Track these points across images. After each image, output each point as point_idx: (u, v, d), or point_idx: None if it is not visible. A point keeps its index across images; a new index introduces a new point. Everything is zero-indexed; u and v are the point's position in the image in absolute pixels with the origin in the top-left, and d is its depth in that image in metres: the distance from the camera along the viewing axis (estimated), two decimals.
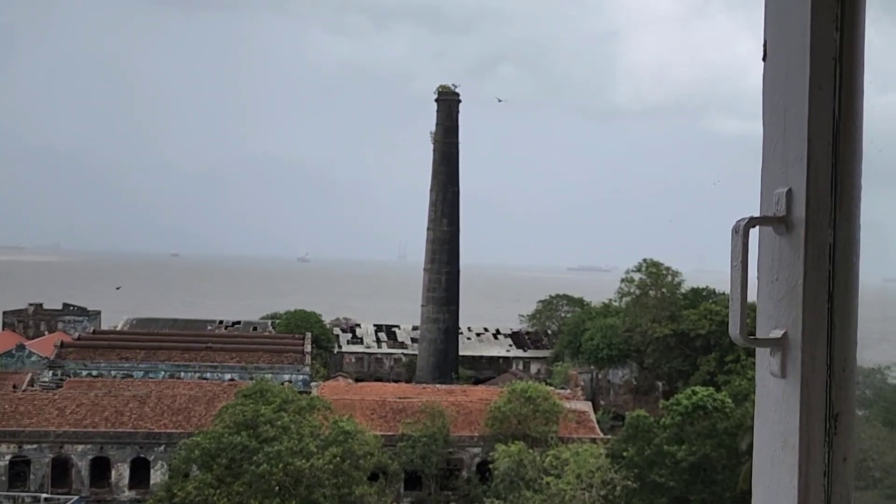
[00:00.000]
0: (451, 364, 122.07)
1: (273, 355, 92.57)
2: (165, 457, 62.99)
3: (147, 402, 68.84)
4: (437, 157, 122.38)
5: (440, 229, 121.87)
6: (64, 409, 67.11)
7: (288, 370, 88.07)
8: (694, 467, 55.63)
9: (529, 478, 56.77)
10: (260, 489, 47.67)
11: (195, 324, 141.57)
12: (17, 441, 63.70)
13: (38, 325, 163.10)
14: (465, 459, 67.98)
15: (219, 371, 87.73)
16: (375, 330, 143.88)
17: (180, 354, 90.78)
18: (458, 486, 67.22)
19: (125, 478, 64.67)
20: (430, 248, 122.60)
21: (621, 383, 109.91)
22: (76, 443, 64.33)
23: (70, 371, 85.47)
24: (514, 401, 66.21)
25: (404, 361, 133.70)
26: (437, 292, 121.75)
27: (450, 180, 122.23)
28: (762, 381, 2.43)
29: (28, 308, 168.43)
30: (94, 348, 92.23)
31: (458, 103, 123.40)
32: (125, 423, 66.29)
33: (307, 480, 49.05)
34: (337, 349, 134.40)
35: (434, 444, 65.07)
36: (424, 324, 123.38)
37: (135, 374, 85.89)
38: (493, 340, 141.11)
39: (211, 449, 50.16)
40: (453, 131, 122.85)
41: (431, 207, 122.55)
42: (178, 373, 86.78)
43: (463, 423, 69.32)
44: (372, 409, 70.27)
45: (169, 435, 64.69)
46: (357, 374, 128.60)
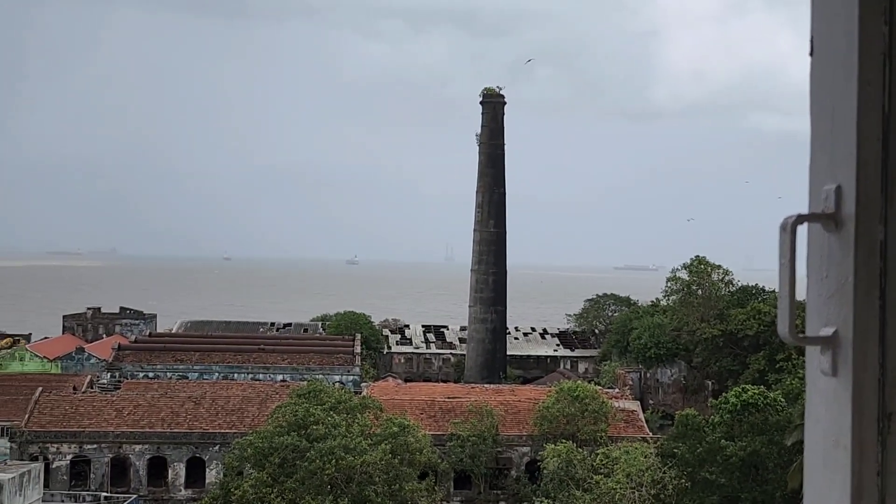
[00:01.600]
0: (499, 364, 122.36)
1: (324, 356, 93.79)
2: (220, 456, 64.33)
3: (202, 403, 70.35)
4: (482, 158, 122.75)
5: (487, 230, 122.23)
6: (122, 410, 68.94)
7: (338, 371, 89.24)
8: (745, 464, 55.26)
9: (579, 477, 56.91)
10: (312, 486, 48.59)
11: (247, 326, 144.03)
12: (77, 441, 65.66)
13: (96, 328, 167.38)
14: (513, 459, 68.33)
15: (271, 372, 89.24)
16: (424, 331, 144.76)
17: (233, 356, 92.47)
18: (508, 485, 67.58)
19: (181, 477, 66.22)
20: (477, 250, 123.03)
21: (670, 382, 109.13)
22: (134, 443, 66.06)
23: (127, 373, 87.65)
24: (563, 400, 66.37)
25: (453, 361, 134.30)
26: (485, 293, 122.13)
27: (496, 182, 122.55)
28: (812, 379, 2.42)
29: (86, 312, 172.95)
30: (150, 351, 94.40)
31: (503, 105, 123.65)
32: (181, 423, 67.85)
33: (358, 477, 49.85)
34: (386, 350, 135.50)
35: (483, 443, 65.53)
36: (472, 324, 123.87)
37: (190, 375, 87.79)
38: (540, 340, 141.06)
39: (264, 448, 51.23)
40: (499, 133, 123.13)
41: (478, 209, 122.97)
42: (231, 374, 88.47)
43: (511, 423, 69.67)
44: (421, 408, 70.94)
45: (223, 435, 66.08)
46: (406, 374, 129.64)
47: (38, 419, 66.57)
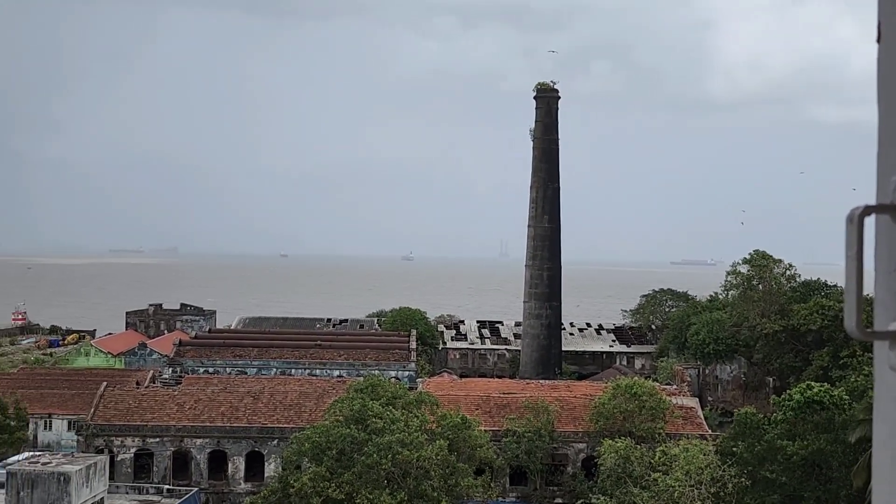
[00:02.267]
0: (555, 359, 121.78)
1: (380, 352, 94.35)
2: (278, 450, 65.20)
3: (260, 398, 71.37)
4: (536, 154, 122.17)
5: (541, 226, 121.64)
6: (183, 404, 70.28)
7: (394, 367, 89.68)
8: (807, 463, 54.13)
9: (637, 474, 56.36)
10: (369, 480, 48.97)
11: (304, 322, 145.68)
12: (140, 435, 67.15)
13: (157, 324, 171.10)
14: (569, 455, 67.95)
15: (328, 368, 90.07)
16: (479, 326, 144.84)
17: (291, 352, 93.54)
18: (564, 481, 67.24)
19: (241, 470, 67.27)
20: (531, 245, 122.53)
21: (729, 379, 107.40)
22: (195, 437, 67.31)
23: (188, 368, 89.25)
24: (619, 397, 65.79)
25: (508, 357, 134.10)
26: (539, 288, 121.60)
27: (550, 177, 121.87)
28: (881, 375, 2.35)
29: (148, 308, 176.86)
30: (209, 346, 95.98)
31: (557, 100, 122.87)
32: (240, 418, 68.93)
33: (415, 472, 50.09)
34: (441, 346, 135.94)
35: (539, 439, 65.30)
36: (527, 320, 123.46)
37: (248, 370, 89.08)
38: (595, 336, 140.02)
39: (321, 442, 51.77)
40: (553, 128, 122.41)
41: (532, 204, 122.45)
42: (289, 370, 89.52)
43: (567, 419, 69.29)
44: (476, 404, 70.96)
45: (281, 429, 66.97)
46: (461, 369, 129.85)
47: (104, 413, 68.22)
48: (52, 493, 39.05)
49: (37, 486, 39.11)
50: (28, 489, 39.12)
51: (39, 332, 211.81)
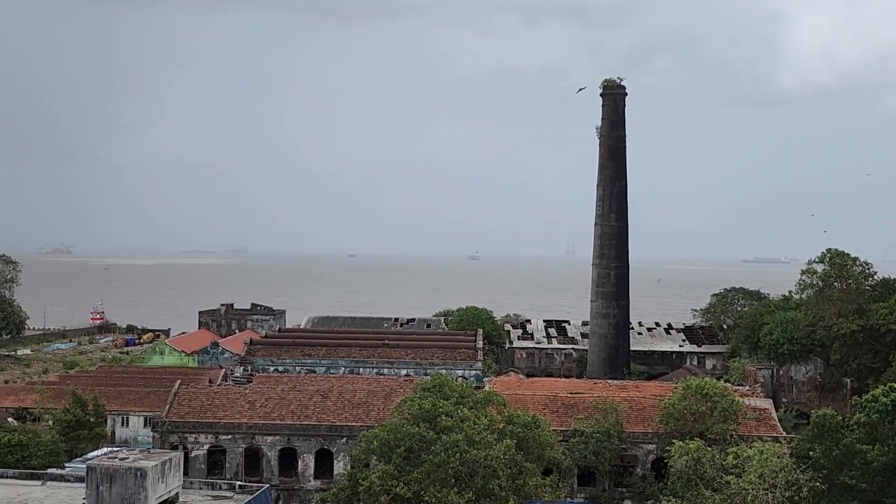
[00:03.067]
0: (623, 359, 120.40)
1: (446, 351, 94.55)
2: (347, 448, 65.86)
3: (329, 397, 72.17)
4: (603, 151, 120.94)
5: (608, 224, 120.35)
6: (254, 402, 71.48)
7: (461, 366, 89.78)
8: (889, 469, 52.39)
9: (708, 477, 55.32)
10: (437, 478, 49.05)
11: (372, 321, 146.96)
12: (213, 432, 68.52)
13: (229, 323, 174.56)
14: (639, 456, 67.06)
15: (395, 367, 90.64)
16: (545, 326, 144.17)
17: (359, 351, 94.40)
18: (633, 482, 66.39)
19: (310, 468, 68.13)
20: (598, 244, 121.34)
21: (804, 380, 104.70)
22: (266, 434, 68.42)
23: (259, 367, 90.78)
24: (690, 397, 64.64)
25: (575, 357, 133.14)
26: (607, 287, 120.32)
27: (617, 175, 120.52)
28: None
29: (220, 308, 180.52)
30: (279, 345, 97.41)
31: (623, 96, 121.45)
32: (309, 416, 69.79)
33: (482, 471, 50.01)
34: (508, 345, 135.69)
35: (607, 440, 64.59)
36: (594, 319, 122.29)
37: (317, 369, 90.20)
38: (664, 335, 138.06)
39: (390, 440, 52.08)
40: (620, 125, 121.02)
41: (599, 203, 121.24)
42: (357, 368, 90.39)
43: (636, 420, 68.39)
44: (544, 403, 70.56)
45: (350, 428, 67.63)
46: (528, 369, 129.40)
47: (178, 410, 69.82)
48: (129, 487, 40.07)
49: (115, 481, 40.18)
50: (107, 484, 40.21)
51: (116, 331, 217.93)
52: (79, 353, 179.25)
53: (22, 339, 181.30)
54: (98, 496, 40.19)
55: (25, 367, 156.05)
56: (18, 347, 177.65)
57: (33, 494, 44.68)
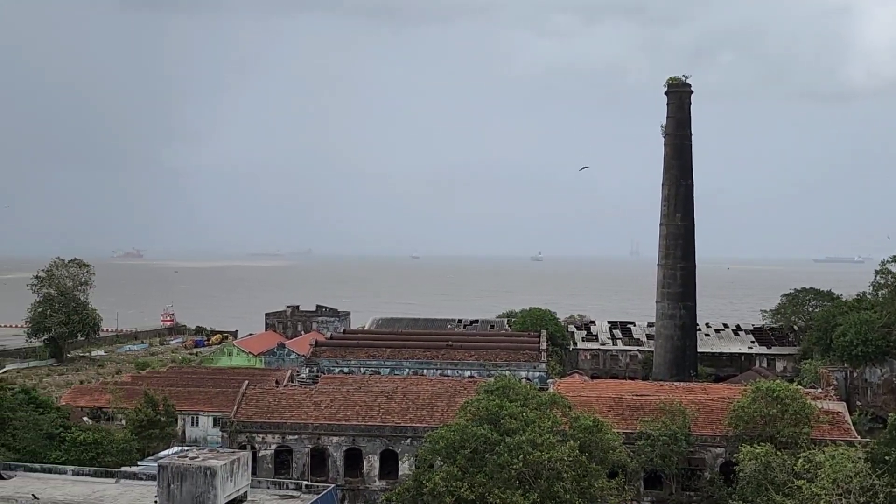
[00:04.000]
0: (690, 361, 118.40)
1: (510, 353, 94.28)
2: (412, 449, 66.17)
3: (394, 398, 72.57)
4: (668, 150, 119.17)
5: (674, 224, 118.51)
6: (320, 403, 72.27)
7: (525, 367, 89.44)
8: None
9: (779, 481, 54.05)
10: (501, 480, 48.94)
11: (436, 323, 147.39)
12: (280, 432, 69.49)
13: (295, 325, 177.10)
14: (707, 460, 65.88)
15: (459, 368, 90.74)
16: (610, 327, 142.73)
17: (423, 352, 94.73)
18: (701, 486, 65.23)
19: (375, 468, 68.59)
20: (663, 244, 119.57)
21: (879, 382, 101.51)
22: (331, 435, 69.11)
23: (324, 368, 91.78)
24: (760, 400, 63.22)
25: (640, 358, 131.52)
26: (673, 288, 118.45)
27: (682, 174, 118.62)
28: None
29: (286, 310, 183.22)
30: (344, 347, 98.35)
31: (689, 94, 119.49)
32: (374, 417, 70.29)
33: (546, 473, 49.71)
34: (572, 346, 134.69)
35: (674, 443, 63.60)
36: (660, 320, 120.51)
37: (382, 370, 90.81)
38: (733, 337, 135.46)
39: (454, 441, 52.12)
40: (685, 123, 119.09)
41: (664, 202, 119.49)
42: (421, 370, 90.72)
43: (704, 423, 67.21)
44: (609, 405, 69.85)
45: (414, 429, 67.91)
46: (592, 370, 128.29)
47: (245, 410, 70.99)
48: (199, 486, 40.87)
49: (185, 480, 41.04)
50: (178, 482, 41.10)
51: (186, 333, 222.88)
52: (150, 354, 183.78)
53: (96, 341, 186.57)
54: (169, 494, 41.10)
55: (99, 367, 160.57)
56: (93, 349, 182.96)
57: (108, 492, 45.90)
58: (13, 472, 49.61)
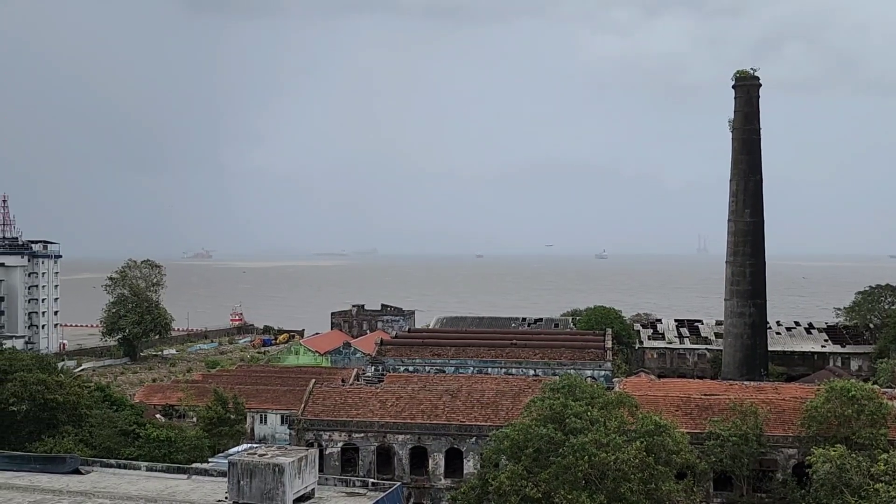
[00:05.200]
0: (760, 360, 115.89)
1: (575, 351, 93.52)
2: (476, 448, 66.15)
3: (458, 397, 72.65)
4: (736, 145, 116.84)
5: (742, 220, 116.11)
6: (385, 401, 72.74)
7: (590, 366, 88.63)
8: None
9: (854, 484, 52.55)
10: (567, 480, 48.57)
11: (500, 321, 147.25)
12: (347, 430, 70.16)
13: (360, 324, 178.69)
14: (779, 461, 64.36)
15: (523, 367, 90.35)
16: (677, 325, 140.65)
17: (487, 351, 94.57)
18: (773, 488, 63.72)
19: (441, 467, 68.75)
20: (732, 241, 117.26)
21: None
22: (397, 433, 69.50)
23: (389, 367, 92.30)
24: (834, 400, 61.49)
25: (709, 357, 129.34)
26: (742, 285, 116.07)
27: (751, 169, 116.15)
28: None
29: (351, 309, 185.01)
30: (409, 346, 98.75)
31: (757, 87, 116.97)
32: (439, 415, 70.46)
33: (612, 474, 49.17)
34: (638, 345, 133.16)
35: (745, 443, 62.26)
36: (729, 318, 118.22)
37: (446, 369, 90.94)
38: (805, 335, 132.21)
39: (519, 440, 51.93)
40: (753, 117, 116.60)
41: (732, 198, 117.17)
42: (485, 368, 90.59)
43: (775, 423, 65.67)
44: (676, 405, 68.76)
45: (479, 427, 67.89)
46: (659, 369, 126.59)
47: (313, 409, 71.85)
48: (268, 482, 41.45)
49: (255, 476, 41.65)
50: (247, 479, 41.74)
51: (254, 332, 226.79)
52: (219, 352, 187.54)
53: (168, 340, 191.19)
54: (239, 490, 41.78)
55: (171, 366, 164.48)
56: (165, 347, 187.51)
57: (180, 487, 46.85)
58: (90, 468, 51.02)
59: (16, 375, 67.63)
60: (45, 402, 67.40)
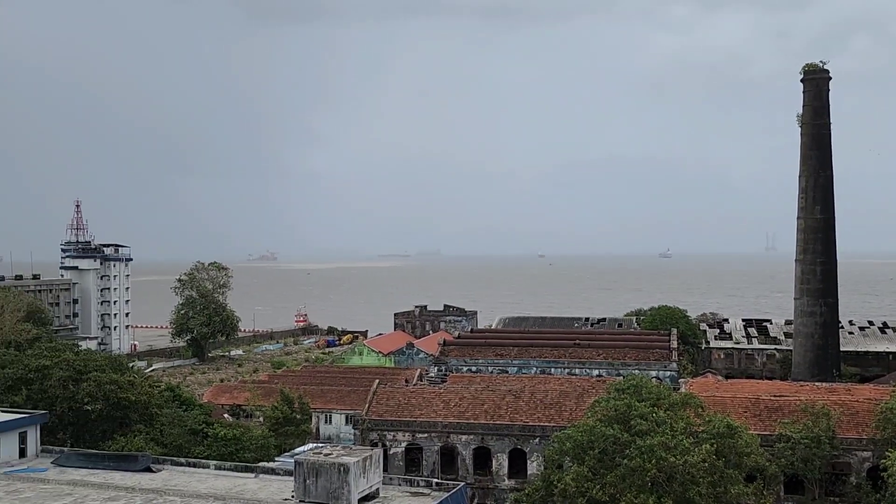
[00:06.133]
0: (832, 360, 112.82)
1: (639, 352, 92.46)
2: (540, 448, 65.77)
3: (521, 397, 72.39)
4: (805, 140, 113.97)
5: (812, 217, 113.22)
6: (448, 402, 72.86)
7: (655, 367, 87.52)
8: None
9: None
10: (633, 483, 47.91)
11: (562, 322, 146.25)
12: (410, 430, 70.47)
13: (423, 325, 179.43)
14: (852, 464, 62.59)
15: (587, 367, 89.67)
16: (745, 325, 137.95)
17: (550, 351, 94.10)
18: (846, 492, 62.01)
19: (504, 467, 68.58)
20: (801, 238, 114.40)
21: None
22: (460, 433, 69.55)
23: (452, 367, 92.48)
24: None
25: (778, 358, 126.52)
26: (812, 284, 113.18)
27: (821, 164, 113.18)
28: None
29: (414, 310, 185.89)
30: (472, 346, 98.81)
31: (827, 81, 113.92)
32: (502, 416, 70.30)
33: (681, 477, 48.35)
34: (704, 345, 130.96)
35: (817, 446, 60.71)
36: (799, 318, 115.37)
37: (509, 369, 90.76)
38: (879, 335, 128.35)
39: (583, 442, 51.44)
40: (823, 111, 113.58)
41: (801, 195, 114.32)
42: (548, 369, 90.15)
43: (849, 425, 63.89)
44: (745, 407, 67.39)
45: (543, 428, 67.53)
46: (726, 370, 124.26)
47: (377, 409, 72.36)
48: (333, 482, 41.86)
49: (320, 476, 42.11)
50: (313, 478, 42.23)
51: (318, 333, 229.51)
52: (285, 353, 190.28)
53: (235, 341, 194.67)
54: (305, 489, 42.28)
55: (238, 366, 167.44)
56: (232, 348, 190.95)
57: (248, 486, 47.62)
58: (161, 466, 52.22)
59: (90, 375, 69.49)
60: (118, 402, 69.13)
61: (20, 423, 54.38)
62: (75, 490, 46.23)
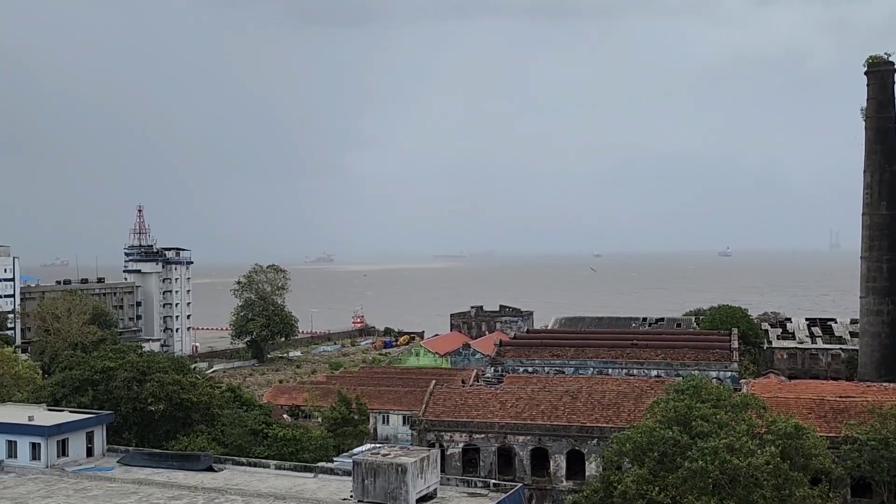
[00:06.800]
0: None
1: (699, 352, 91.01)
2: (598, 450, 65.14)
3: (578, 398, 71.82)
4: (870, 134, 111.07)
5: (878, 213, 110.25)
6: (505, 402, 72.63)
7: (715, 367, 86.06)
8: None
9: None
10: (695, 485, 47.13)
11: (620, 321, 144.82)
12: (467, 431, 70.43)
13: (479, 325, 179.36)
14: None
15: (645, 367, 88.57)
16: (808, 324, 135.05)
17: (607, 351, 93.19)
18: None
19: (562, 468, 68.10)
20: (867, 235, 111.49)
21: None
22: (517, 434, 69.28)
23: (508, 367, 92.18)
24: None
25: (843, 358, 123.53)
26: (879, 282, 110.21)
27: (887, 159, 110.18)
28: None
29: (470, 310, 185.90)
30: (528, 346, 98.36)
31: (892, 73, 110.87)
32: (559, 416, 69.82)
33: (744, 479, 47.41)
34: (766, 345, 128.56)
35: (885, 448, 59.05)
36: (865, 317, 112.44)
37: (566, 370, 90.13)
38: None
39: (642, 443, 50.79)
40: (889, 105, 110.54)
41: (867, 190, 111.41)
42: (605, 369, 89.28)
43: None
44: (809, 408, 65.88)
45: (601, 429, 66.88)
46: (789, 370, 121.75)
47: (433, 409, 72.48)
48: (391, 482, 42.11)
49: (378, 476, 42.40)
50: (371, 478, 42.54)
51: (375, 334, 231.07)
52: (342, 354, 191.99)
53: (293, 342, 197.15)
54: (364, 489, 42.59)
55: (296, 367, 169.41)
56: (290, 349, 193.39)
57: (307, 485, 48.14)
58: (223, 465, 53.11)
59: (153, 376, 70.93)
60: (181, 402, 70.43)
61: (87, 423, 55.84)
62: (140, 489, 47.26)
